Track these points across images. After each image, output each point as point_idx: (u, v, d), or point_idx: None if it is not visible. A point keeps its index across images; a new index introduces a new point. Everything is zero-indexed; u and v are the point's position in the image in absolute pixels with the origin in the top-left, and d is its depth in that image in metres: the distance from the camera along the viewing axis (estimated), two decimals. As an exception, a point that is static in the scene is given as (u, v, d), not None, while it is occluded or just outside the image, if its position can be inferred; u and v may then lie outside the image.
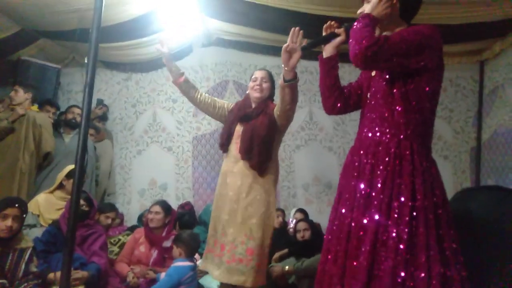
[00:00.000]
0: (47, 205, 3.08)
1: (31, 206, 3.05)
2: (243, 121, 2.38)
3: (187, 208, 4.22)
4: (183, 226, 3.80)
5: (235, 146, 2.36)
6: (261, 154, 2.29)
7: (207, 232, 2.49)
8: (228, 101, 2.65)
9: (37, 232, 2.80)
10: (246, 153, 2.30)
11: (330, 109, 1.74)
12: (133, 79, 5.00)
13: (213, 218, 2.41)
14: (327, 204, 4.55)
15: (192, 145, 4.78)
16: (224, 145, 2.42)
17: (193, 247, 2.81)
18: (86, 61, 1.88)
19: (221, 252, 2.29)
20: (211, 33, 4.61)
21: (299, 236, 3.19)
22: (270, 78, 2.49)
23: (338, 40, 1.66)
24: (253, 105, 2.43)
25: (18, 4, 3.45)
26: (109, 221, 3.36)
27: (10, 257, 2.22)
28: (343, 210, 1.50)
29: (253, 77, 2.47)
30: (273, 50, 4.50)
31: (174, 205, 3.99)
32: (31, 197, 3.32)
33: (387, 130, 1.48)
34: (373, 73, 1.61)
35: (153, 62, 4.82)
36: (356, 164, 1.54)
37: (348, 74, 4.72)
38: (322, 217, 4.31)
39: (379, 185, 1.41)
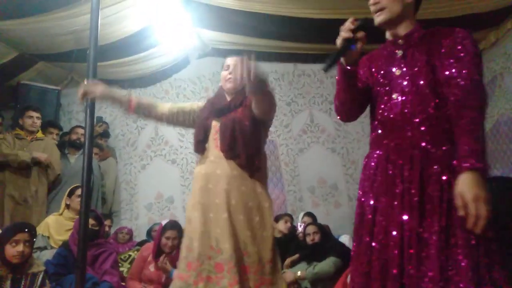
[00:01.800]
0: (57, 227, 3.09)
1: (41, 228, 3.07)
2: (219, 116, 2.00)
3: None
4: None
5: (213, 144, 1.97)
6: (248, 149, 1.91)
7: None
8: None
9: (48, 254, 2.81)
10: (230, 149, 1.90)
11: (349, 119, 1.54)
12: (132, 95, 5.01)
13: (199, 234, 1.86)
14: (334, 206, 4.55)
15: (196, 156, 4.79)
16: (200, 145, 2.00)
17: None
18: (85, 81, 1.90)
19: (220, 274, 1.81)
20: (206, 44, 4.65)
21: (309, 239, 3.18)
22: None
23: (359, 46, 1.37)
24: (228, 98, 2.05)
25: (14, 29, 3.49)
26: (107, 228, 3.52)
27: (23, 283, 2.23)
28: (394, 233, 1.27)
29: (224, 65, 2.06)
30: (268, 56, 4.53)
31: (182, 217, 3.99)
32: (41, 221, 3.33)
33: None
34: (398, 72, 1.39)
35: (151, 76, 4.86)
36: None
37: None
38: (330, 219, 4.30)
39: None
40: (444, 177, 1.24)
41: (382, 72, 1.42)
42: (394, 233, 1.25)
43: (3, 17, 3.33)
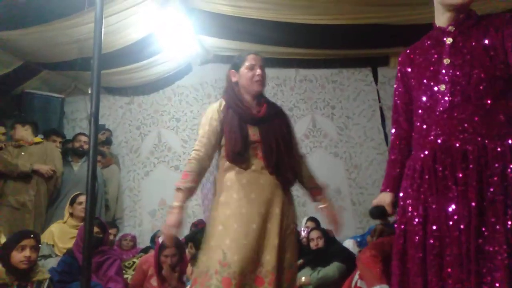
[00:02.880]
0: (61, 235, 3.10)
1: (46, 236, 3.08)
2: (255, 124, 1.85)
3: (200, 226, 4.22)
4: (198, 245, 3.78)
5: (253, 152, 1.82)
6: (292, 165, 1.87)
7: None
8: None
9: (53, 262, 2.81)
10: (276, 166, 1.80)
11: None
12: (135, 102, 5.06)
13: (240, 247, 1.73)
14: (337, 210, 4.53)
15: (199, 163, 4.81)
16: (239, 157, 1.81)
17: None
18: (89, 91, 1.92)
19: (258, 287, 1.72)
20: (209, 51, 4.68)
21: (312, 245, 3.18)
22: (264, 64, 1.94)
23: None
24: (253, 104, 1.89)
25: (19, 39, 3.53)
26: (111, 236, 3.55)
27: (29, 290, 2.24)
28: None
29: (247, 64, 1.87)
30: (270, 62, 4.54)
31: (186, 223, 3.99)
32: (44, 228, 3.34)
33: None
34: (447, 61, 1.25)
35: (154, 83, 4.89)
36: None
37: (347, 79, 4.76)
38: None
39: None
40: (508, 177, 1.07)
41: (427, 62, 1.29)
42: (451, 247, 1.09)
43: (8, 27, 3.37)
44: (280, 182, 1.82)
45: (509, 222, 1.03)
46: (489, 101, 1.15)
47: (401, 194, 1.29)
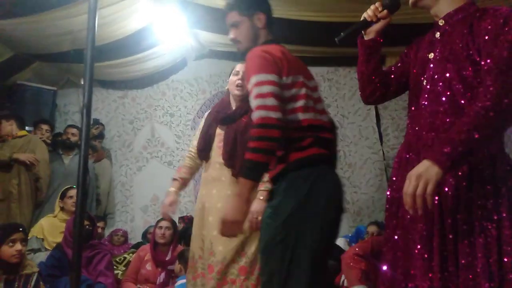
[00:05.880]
0: (51, 229, 3.06)
1: (35, 230, 3.04)
2: (224, 124, 2.07)
3: (186, 220, 4.19)
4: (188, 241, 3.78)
5: (217, 151, 2.05)
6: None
7: None
8: None
9: (42, 257, 2.78)
10: (230, 159, 1.99)
11: (368, 98, 1.47)
12: (129, 96, 5.00)
13: (198, 236, 2.04)
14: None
15: (192, 158, 4.77)
16: (204, 151, 2.09)
17: None
18: (82, 82, 1.89)
19: (209, 275, 1.95)
20: (203, 46, 4.63)
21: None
22: None
23: (382, 23, 1.37)
24: (234, 105, 2.10)
25: (10, 29, 3.47)
26: (100, 230, 3.56)
27: (16, 284, 2.20)
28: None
29: (234, 70, 2.09)
30: (267, 59, 4.51)
31: (177, 219, 3.97)
32: (32, 220, 3.29)
33: None
34: (431, 55, 1.28)
35: (148, 78, 4.84)
36: None
37: (343, 77, 4.74)
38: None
39: None
40: (462, 172, 1.13)
41: (419, 57, 1.32)
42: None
43: (-1, 17, 3.31)
44: (234, 176, 1.95)
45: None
46: (460, 99, 1.16)
47: (389, 189, 1.34)
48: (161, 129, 4.88)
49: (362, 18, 1.38)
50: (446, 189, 1.15)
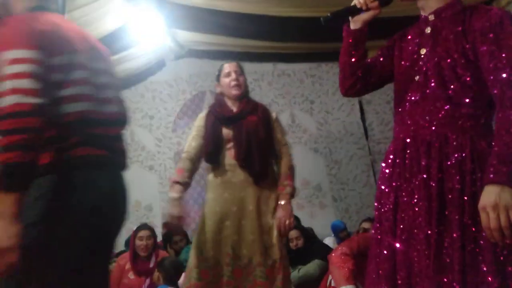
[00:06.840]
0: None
1: None
2: (229, 124, 2.03)
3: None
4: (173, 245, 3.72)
5: (227, 152, 2.01)
6: (262, 158, 1.98)
7: None
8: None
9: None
10: (246, 159, 1.95)
11: (348, 90, 1.42)
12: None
13: (214, 242, 1.97)
14: (318, 207, 4.48)
15: (174, 161, 4.65)
16: (214, 154, 2.02)
17: (172, 276, 2.73)
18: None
19: (238, 279, 1.93)
20: (182, 45, 4.51)
21: (292, 245, 3.14)
22: (243, 70, 2.14)
23: (370, 13, 1.32)
24: (234, 107, 2.08)
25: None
26: None
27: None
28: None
29: (224, 71, 2.08)
30: (248, 56, 4.41)
31: (161, 225, 3.86)
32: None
33: None
34: (423, 51, 1.27)
35: (126, 80, 4.67)
36: None
37: (326, 73, 4.69)
38: (314, 221, 4.24)
39: None
40: (466, 167, 1.12)
41: (408, 51, 1.31)
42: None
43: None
44: (251, 177, 1.96)
45: (466, 212, 1.09)
46: (455, 95, 1.18)
47: (379, 182, 1.32)
48: (141, 132, 4.75)
49: (352, 4, 1.33)
50: (451, 184, 1.13)
